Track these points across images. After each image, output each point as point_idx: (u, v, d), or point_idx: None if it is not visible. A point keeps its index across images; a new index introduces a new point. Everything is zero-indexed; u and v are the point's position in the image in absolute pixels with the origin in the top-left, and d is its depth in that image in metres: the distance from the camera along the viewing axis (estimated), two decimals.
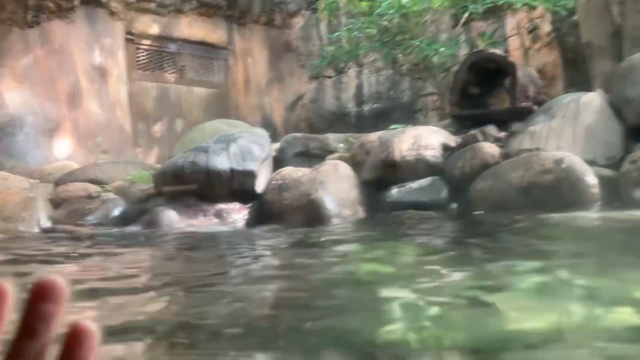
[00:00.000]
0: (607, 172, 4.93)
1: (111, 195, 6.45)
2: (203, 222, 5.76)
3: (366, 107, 11.77)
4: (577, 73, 8.82)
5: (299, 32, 12.55)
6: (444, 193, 5.57)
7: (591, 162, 4.95)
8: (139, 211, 6.09)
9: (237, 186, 5.98)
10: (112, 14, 10.31)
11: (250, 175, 5.98)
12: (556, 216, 4.37)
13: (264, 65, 12.48)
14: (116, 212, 6.17)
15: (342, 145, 6.81)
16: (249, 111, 12.14)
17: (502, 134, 5.91)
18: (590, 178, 4.71)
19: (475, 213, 5.07)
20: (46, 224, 6.08)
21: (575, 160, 4.82)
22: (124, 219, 6.05)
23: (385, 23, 8.87)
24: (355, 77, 11.92)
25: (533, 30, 9.54)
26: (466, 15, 8.65)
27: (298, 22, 12.52)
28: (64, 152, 9.34)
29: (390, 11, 8.34)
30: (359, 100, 11.87)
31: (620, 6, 6.88)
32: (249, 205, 5.94)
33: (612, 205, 4.53)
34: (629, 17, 6.35)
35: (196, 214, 5.87)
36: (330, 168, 5.92)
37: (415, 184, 5.70)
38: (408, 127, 6.68)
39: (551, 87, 8.79)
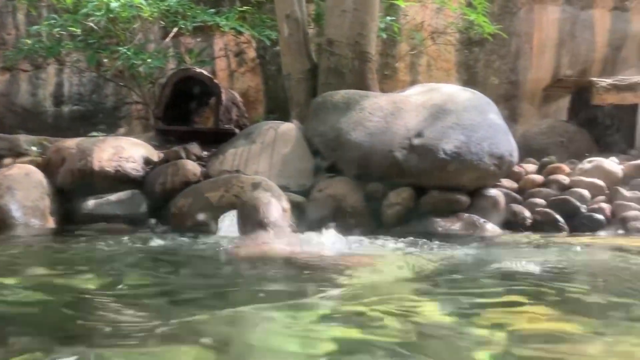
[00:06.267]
0: (299, 198, 5.30)
1: None
2: None
3: (66, 108, 11.07)
4: (276, 101, 9.46)
5: None
6: (143, 207, 5.48)
7: (285, 188, 5.27)
8: None
9: None
10: None
11: None
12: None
13: None
14: None
15: (35, 148, 6.29)
16: None
17: (205, 153, 6.04)
18: (284, 203, 5.03)
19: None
20: None
21: (271, 185, 5.12)
22: None
23: (91, 24, 8.47)
24: (55, 75, 11.14)
25: (239, 54, 9.99)
26: (175, 29, 8.67)
27: None
28: None
29: (97, 13, 7.97)
30: (58, 99, 11.11)
31: (316, 46, 7.58)
32: None
33: (299, 229, 4.92)
34: (322, 57, 6.98)
35: None
36: (20, 172, 5.42)
37: (113, 197, 5.50)
38: (109, 136, 6.45)
39: (253, 111, 9.28)
